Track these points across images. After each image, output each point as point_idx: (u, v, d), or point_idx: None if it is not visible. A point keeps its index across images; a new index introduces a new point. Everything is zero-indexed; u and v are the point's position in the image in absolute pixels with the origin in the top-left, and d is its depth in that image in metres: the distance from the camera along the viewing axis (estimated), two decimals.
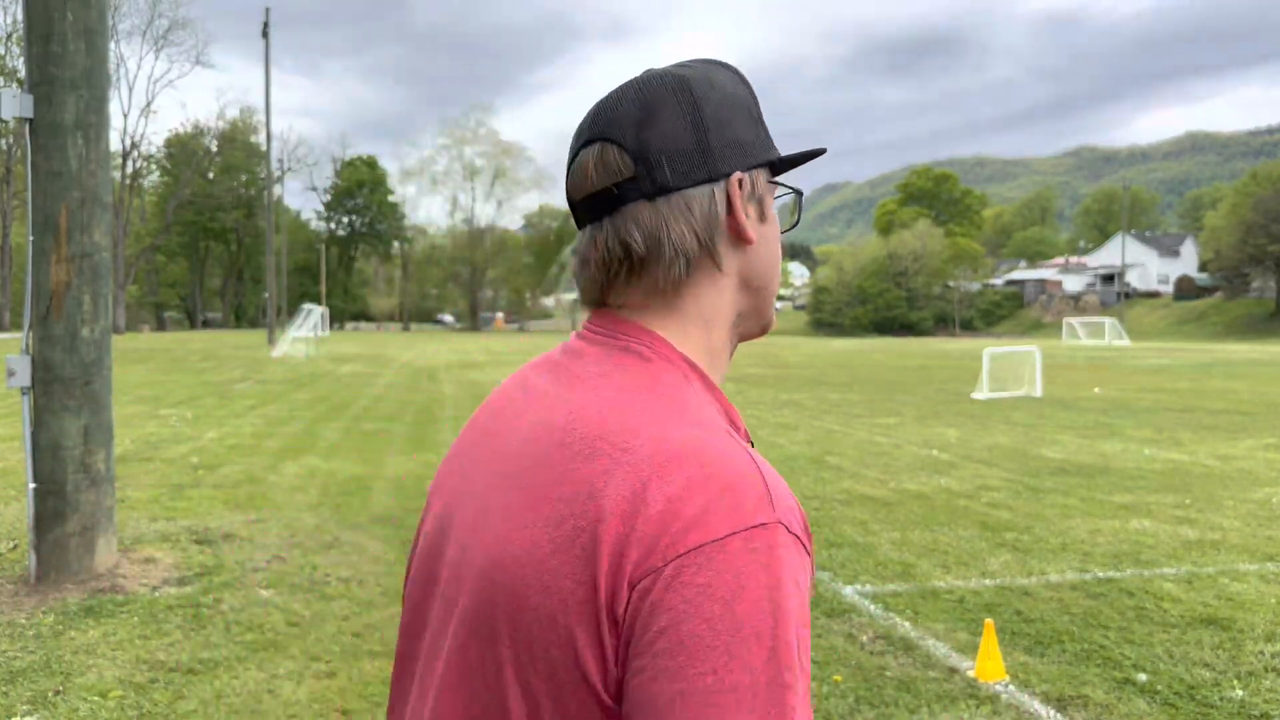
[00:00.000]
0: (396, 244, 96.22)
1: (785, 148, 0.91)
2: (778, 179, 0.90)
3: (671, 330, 0.84)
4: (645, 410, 0.77)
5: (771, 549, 0.69)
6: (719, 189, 0.82)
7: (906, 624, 4.50)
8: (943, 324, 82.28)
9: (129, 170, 65.35)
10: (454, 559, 0.82)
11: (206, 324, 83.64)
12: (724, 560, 0.68)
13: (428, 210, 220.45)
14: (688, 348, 0.84)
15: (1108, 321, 59.97)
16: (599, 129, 0.83)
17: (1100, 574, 5.40)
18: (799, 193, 0.92)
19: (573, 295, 1.10)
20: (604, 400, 0.79)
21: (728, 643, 0.65)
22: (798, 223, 0.94)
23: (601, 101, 0.86)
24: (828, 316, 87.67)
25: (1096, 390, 18.99)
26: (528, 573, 0.73)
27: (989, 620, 4.01)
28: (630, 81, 0.85)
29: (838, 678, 3.81)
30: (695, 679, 0.65)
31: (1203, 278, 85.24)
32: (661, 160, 0.81)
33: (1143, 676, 3.87)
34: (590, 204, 0.84)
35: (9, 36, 52.11)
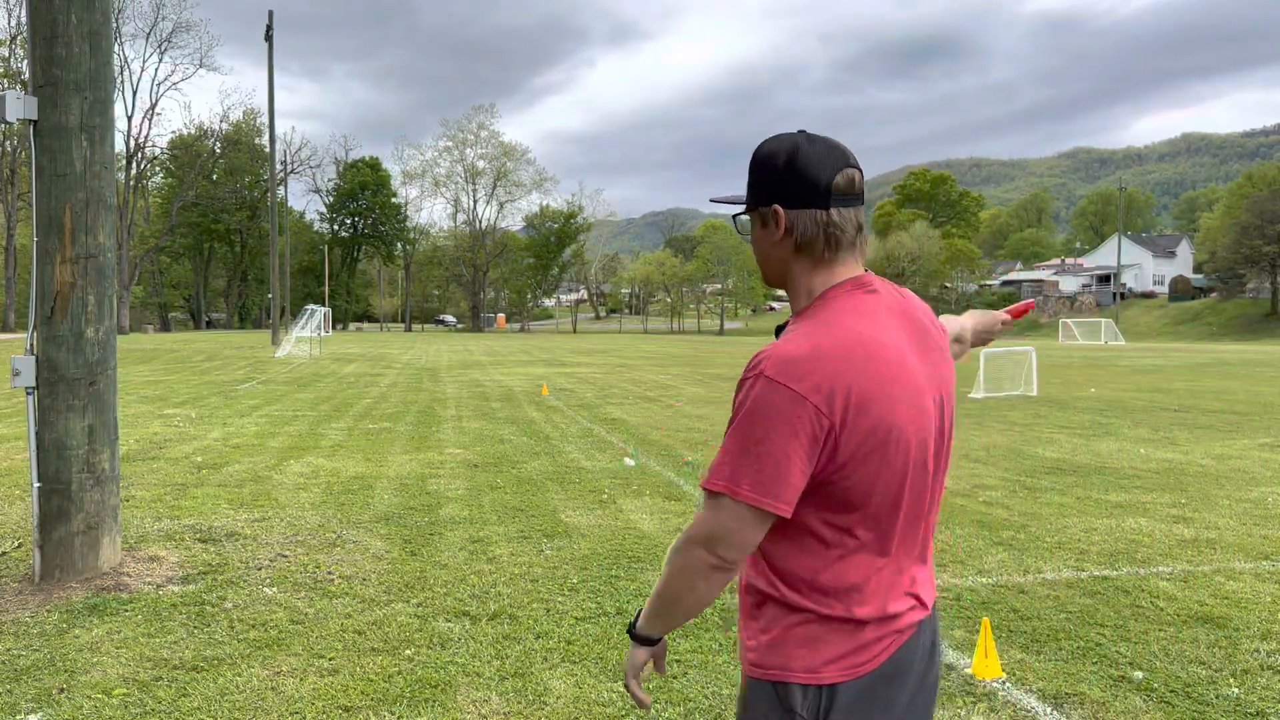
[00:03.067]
0: (399, 245, 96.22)
1: None
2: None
3: None
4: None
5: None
6: None
7: None
8: None
9: (133, 172, 65.42)
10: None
11: (210, 324, 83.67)
12: None
13: (430, 212, 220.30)
14: None
15: (1103, 322, 60.07)
16: (854, 162, 1.58)
17: (1096, 572, 5.43)
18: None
19: None
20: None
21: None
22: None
23: (844, 147, 1.58)
24: None
25: (1092, 390, 19.02)
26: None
27: (986, 618, 4.05)
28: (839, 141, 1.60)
29: None
30: None
31: (1198, 278, 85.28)
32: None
33: (1139, 674, 3.90)
34: (854, 200, 1.57)
35: (13, 39, 52.17)
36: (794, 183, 1.55)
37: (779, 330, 1.61)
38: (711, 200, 1.70)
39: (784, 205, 1.57)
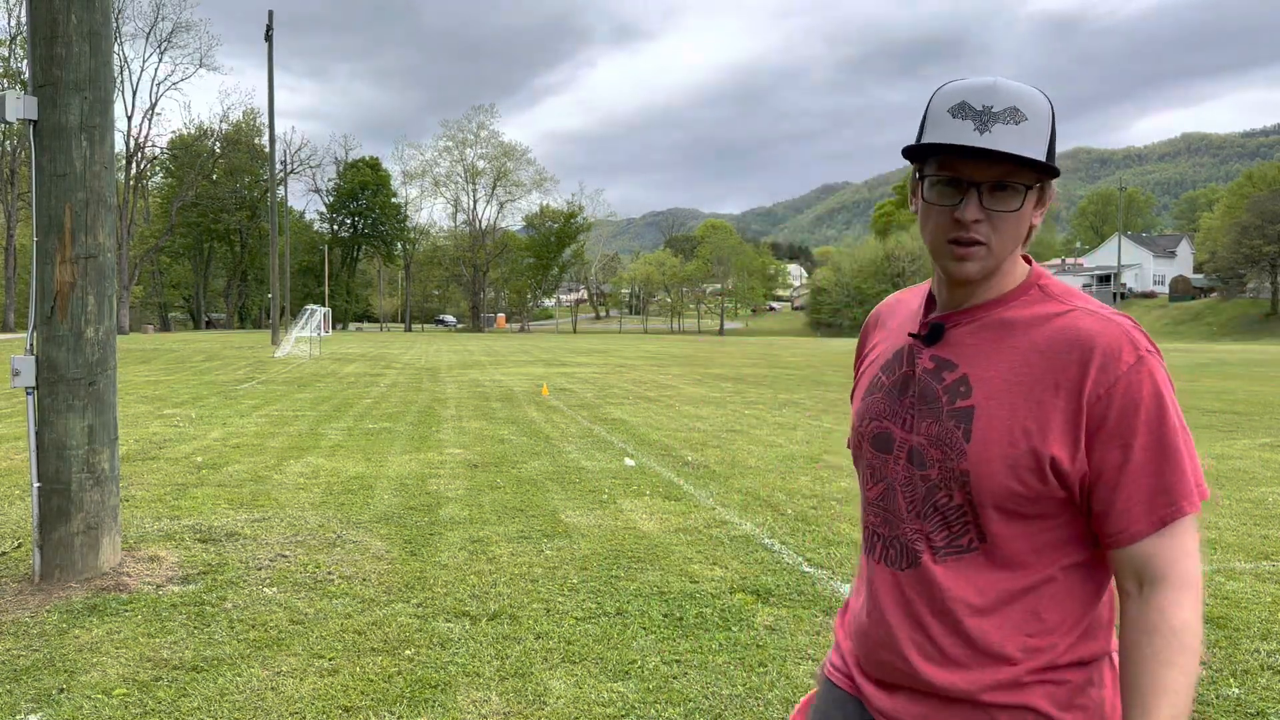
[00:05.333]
0: (399, 245, 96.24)
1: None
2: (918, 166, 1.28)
3: None
4: None
5: None
6: None
7: None
8: None
9: (133, 172, 65.46)
10: None
11: (210, 324, 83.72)
12: None
13: (430, 212, 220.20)
14: None
15: None
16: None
17: None
18: (913, 163, 1.29)
19: None
20: None
21: None
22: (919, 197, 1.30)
23: None
24: (826, 317, 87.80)
25: None
26: None
27: None
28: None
29: None
30: None
31: (1198, 278, 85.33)
32: None
33: None
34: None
35: (13, 38, 52.21)
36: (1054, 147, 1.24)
37: (935, 332, 1.30)
38: (1000, 153, 1.17)
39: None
